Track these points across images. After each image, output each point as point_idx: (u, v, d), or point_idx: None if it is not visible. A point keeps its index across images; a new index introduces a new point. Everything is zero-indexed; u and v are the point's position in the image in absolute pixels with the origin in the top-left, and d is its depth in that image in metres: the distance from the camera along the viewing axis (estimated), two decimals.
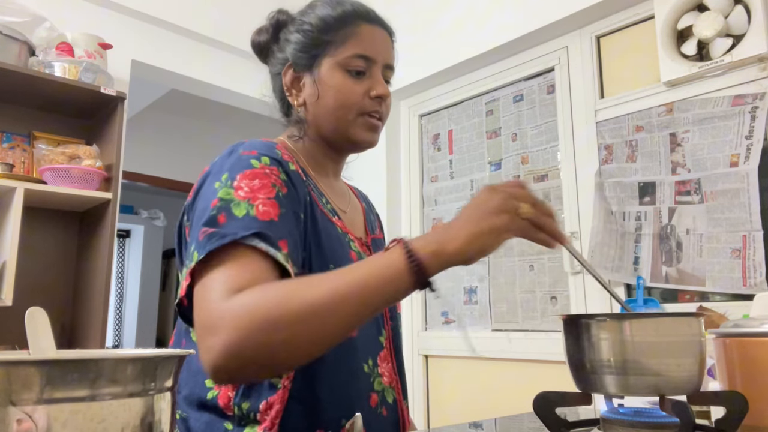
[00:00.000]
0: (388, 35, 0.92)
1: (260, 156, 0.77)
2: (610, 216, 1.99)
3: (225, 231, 0.67)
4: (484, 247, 0.64)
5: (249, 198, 0.71)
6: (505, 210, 0.64)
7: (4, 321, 1.79)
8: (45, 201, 2.08)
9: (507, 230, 0.64)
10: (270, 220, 0.70)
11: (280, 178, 0.76)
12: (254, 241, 0.67)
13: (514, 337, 2.24)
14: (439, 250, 0.63)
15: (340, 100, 0.86)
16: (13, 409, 0.34)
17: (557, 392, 0.69)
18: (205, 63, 2.64)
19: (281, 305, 0.60)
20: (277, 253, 0.67)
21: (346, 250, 0.84)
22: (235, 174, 0.73)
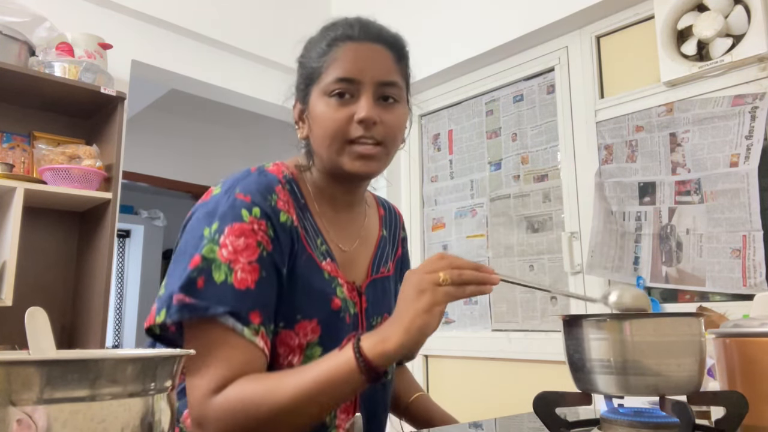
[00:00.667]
0: (384, 48, 0.85)
1: (252, 206, 0.77)
2: (610, 216, 1.99)
3: (198, 304, 0.72)
4: (423, 330, 0.67)
5: (230, 261, 0.74)
6: (423, 289, 0.67)
7: (4, 321, 1.79)
8: (45, 201, 2.07)
9: (433, 305, 0.67)
10: (246, 288, 0.73)
11: (267, 234, 0.77)
12: (224, 318, 0.72)
13: (514, 337, 2.24)
14: (384, 350, 0.67)
15: (324, 130, 0.82)
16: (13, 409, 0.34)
17: (557, 392, 0.69)
18: (205, 63, 2.63)
19: (258, 408, 0.69)
20: (244, 329, 0.72)
21: (327, 299, 0.83)
22: (224, 226, 0.76)
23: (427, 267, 0.69)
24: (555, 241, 2.20)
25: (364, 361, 0.67)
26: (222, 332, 0.72)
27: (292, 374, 0.72)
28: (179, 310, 0.72)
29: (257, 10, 2.76)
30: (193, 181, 4.41)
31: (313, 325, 0.81)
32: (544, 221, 2.25)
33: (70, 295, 2.21)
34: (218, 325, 0.72)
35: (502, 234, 2.38)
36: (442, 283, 0.67)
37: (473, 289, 0.69)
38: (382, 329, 0.69)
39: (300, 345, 0.80)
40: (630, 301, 0.73)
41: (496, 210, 2.42)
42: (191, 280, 0.73)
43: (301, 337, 0.80)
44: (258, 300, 0.74)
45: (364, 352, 0.67)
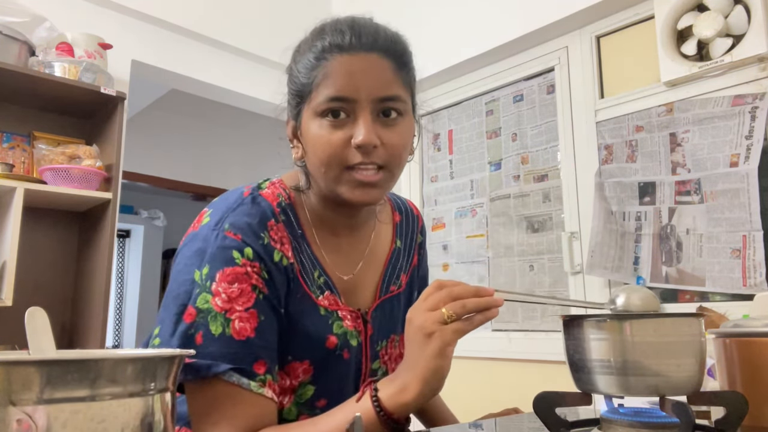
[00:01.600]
0: (381, 58, 0.74)
1: (243, 247, 0.72)
2: (610, 216, 1.99)
3: (200, 363, 0.68)
4: (439, 375, 0.65)
5: (226, 310, 0.70)
6: (431, 332, 0.64)
7: (4, 321, 1.79)
8: (45, 201, 2.08)
9: (444, 347, 0.64)
10: (246, 339, 0.70)
11: (261, 276, 0.73)
12: (228, 375, 0.69)
13: (514, 337, 2.24)
14: (404, 402, 0.65)
15: (320, 155, 0.73)
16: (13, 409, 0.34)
17: (557, 392, 0.69)
18: (205, 63, 2.63)
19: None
20: (251, 383, 0.69)
21: (321, 339, 0.78)
22: (215, 272, 0.71)
23: (428, 303, 0.65)
24: (555, 241, 2.20)
25: (384, 413, 0.65)
26: (227, 389, 0.69)
27: (312, 426, 0.69)
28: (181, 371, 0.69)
29: (257, 10, 2.76)
30: (193, 181, 4.41)
31: (305, 366, 0.78)
32: (544, 221, 2.25)
33: (70, 295, 2.21)
34: (222, 382, 0.69)
35: (502, 234, 2.38)
36: (448, 320, 0.63)
37: (480, 318, 0.65)
38: (398, 376, 0.66)
39: (291, 386, 0.77)
40: (639, 304, 0.71)
41: (496, 210, 2.42)
42: (189, 337, 0.70)
43: (292, 378, 0.77)
44: (260, 348, 0.71)
45: (383, 404, 0.65)
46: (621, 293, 0.72)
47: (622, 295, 0.71)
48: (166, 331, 0.72)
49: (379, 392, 0.66)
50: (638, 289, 0.73)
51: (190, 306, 0.71)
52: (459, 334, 0.64)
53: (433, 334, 0.63)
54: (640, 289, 0.73)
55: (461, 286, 0.66)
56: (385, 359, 0.87)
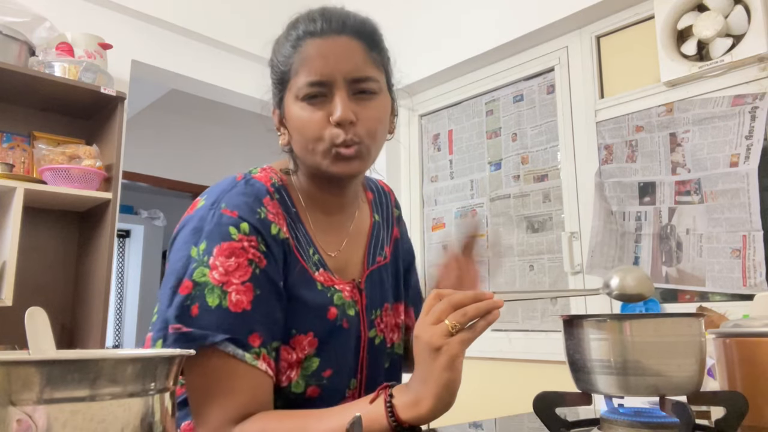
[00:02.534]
0: (352, 39, 0.79)
1: (240, 222, 0.75)
2: (610, 216, 1.99)
3: (195, 333, 0.70)
4: (451, 388, 0.65)
5: (223, 283, 0.72)
6: (438, 346, 0.64)
7: (4, 321, 1.79)
8: (45, 201, 2.08)
9: (453, 360, 0.64)
10: (242, 311, 0.72)
11: (259, 249, 0.75)
12: (223, 345, 0.70)
13: (514, 337, 2.24)
14: (418, 415, 0.66)
15: (303, 135, 0.79)
16: (13, 409, 0.34)
17: (557, 392, 0.69)
18: (205, 63, 2.64)
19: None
20: (245, 355, 0.71)
21: (322, 311, 0.81)
22: (212, 247, 0.73)
23: (431, 317, 0.66)
24: (555, 241, 2.20)
25: (396, 421, 0.66)
26: (223, 360, 0.71)
27: (316, 420, 0.69)
28: (176, 340, 0.70)
29: (257, 10, 2.76)
30: (193, 181, 4.41)
31: (309, 339, 0.79)
32: (544, 221, 2.25)
33: (70, 295, 2.21)
34: (218, 353, 0.70)
35: (502, 234, 2.38)
36: (453, 331, 0.65)
37: (483, 324, 0.67)
38: (412, 388, 0.67)
39: (297, 360, 0.78)
40: (633, 284, 0.71)
41: (496, 210, 2.42)
42: (185, 308, 0.71)
43: (298, 351, 0.78)
44: (256, 321, 0.73)
45: (397, 413, 0.66)
46: (615, 274, 0.72)
47: (616, 276, 0.72)
48: (163, 305, 0.73)
49: (394, 399, 0.67)
50: (633, 270, 0.73)
51: (186, 279, 0.72)
52: (465, 345, 0.66)
53: (440, 349, 0.64)
54: (634, 270, 0.73)
55: (459, 294, 0.67)
56: (381, 327, 0.89)
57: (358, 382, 0.85)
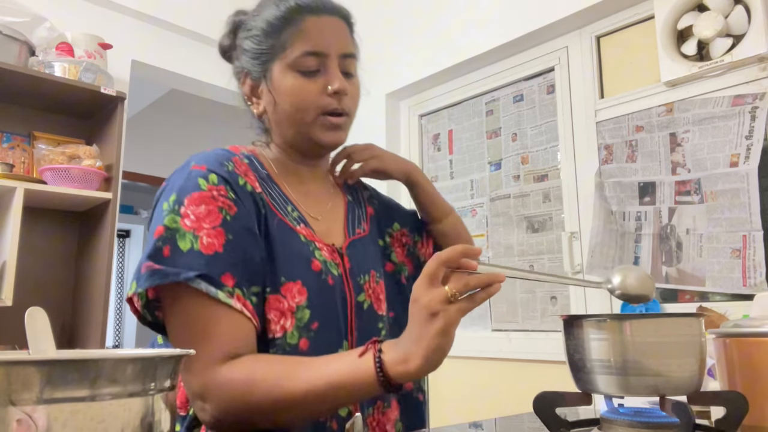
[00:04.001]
0: (341, 20, 0.86)
1: (208, 174, 0.77)
2: (610, 216, 1.99)
3: (167, 270, 0.70)
4: (442, 352, 0.66)
5: (194, 228, 0.73)
6: (435, 311, 0.65)
7: (4, 321, 1.79)
8: (45, 201, 2.08)
9: (449, 327, 0.65)
10: (214, 253, 0.72)
11: (228, 198, 0.77)
12: (196, 282, 0.70)
13: (514, 337, 2.24)
14: (405, 371, 0.66)
15: (296, 103, 0.83)
16: (13, 409, 0.34)
17: (557, 392, 0.69)
18: (205, 63, 2.63)
19: (264, 395, 0.69)
20: (218, 293, 0.71)
21: (306, 261, 0.82)
22: (183, 197, 0.75)
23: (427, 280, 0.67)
24: (555, 241, 2.20)
25: (384, 375, 0.66)
26: (196, 299, 0.71)
27: (305, 367, 0.70)
28: (149, 276, 0.71)
29: None
30: None
31: (299, 287, 0.80)
32: (544, 221, 2.25)
33: (70, 295, 2.21)
34: (191, 291, 0.71)
35: (502, 234, 2.38)
36: (452, 299, 0.65)
37: (483, 295, 0.67)
38: (402, 345, 0.68)
39: (290, 308, 0.79)
40: (633, 284, 0.71)
41: (496, 210, 2.42)
42: (157, 249, 0.72)
43: (290, 299, 0.79)
44: (228, 262, 0.73)
45: (385, 368, 0.66)
46: (617, 273, 0.72)
47: (618, 275, 0.72)
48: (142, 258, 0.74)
49: (383, 355, 0.67)
50: (634, 269, 0.73)
51: (159, 225, 0.74)
52: (463, 313, 0.66)
53: (437, 314, 0.65)
54: (636, 270, 0.73)
55: (459, 249, 0.67)
56: (369, 293, 0.90)
57: (349, 344, 0.85)
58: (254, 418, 0.70)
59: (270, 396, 0.68)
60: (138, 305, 0.76)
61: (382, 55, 2.72)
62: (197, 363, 0.71)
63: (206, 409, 0.71)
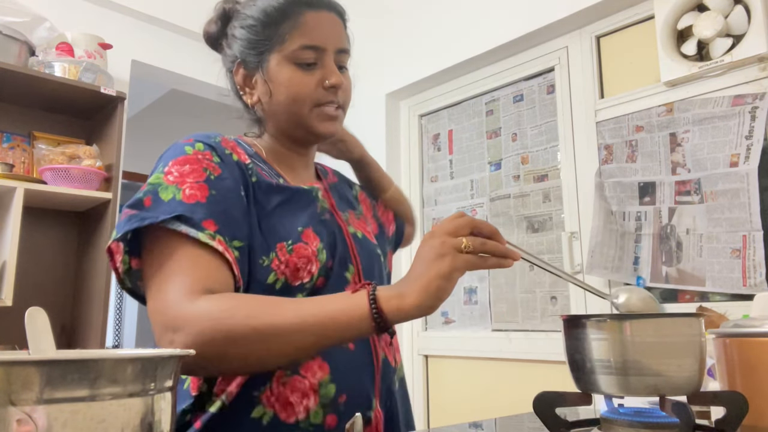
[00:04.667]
0: (336, 16, 0.88)
1: (195, 142, 0.80)
2: (610, 216, 1.99)
3: (145, 214, 0.70)
4: (439, 294, 0.65)
5: (177, 183, 0.73)
6: (444, 253, 0.65)
7: (4, 321, 1.79)
8: (45, 201, 2.08)
9: (453, 271, 0.64)
10: (196, 202, 0.72)
11: (213, 161, 0.78)
12: (174, 224, 0.69)
13: (514, 337, 2.24)
14: (399, 306, 0.65)
15: (292, 95, 0.84)
16: (13, 409, 0.34)
17: (557, 392, 0.69)
18: (205, 63, 2.63)
19: (246, 322, 0.64)
20: (198, 233, 0.69)
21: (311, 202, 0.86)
22: (168, 160, 0.77)
23: (448, 228, 0.67)
24: (555, 241, 2.20)
25: (377, 311, 0.64)
26: (177, 241, 0.69)
27: (293, 301, 0.69)
28: (127, 221, 0.69)
29: None
30: None
31: (310, 231, 0.82)
32: (544, 221, 2.25)
33: (70, 295, 2.21)
34: (169, 234, 0.69)
35: (502, 234, 2.37)
36: (464, 250, 0.65)
37: (494, 261, 0.67)
38: (399, 284, 0.67)
39: (313, 252, 0.80)
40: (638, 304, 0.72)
41: (496, 210, 2.42)
42: (138, 200, 0.72)
43: (311, 244, 0.81)
44: (211, 211, 0.72)
45: (379, 303, 0.65)
46: (622, 293, 0.72)
47: (623, 295, 0.72)
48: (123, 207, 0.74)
49: (378, 291, 0.66)
50: (639, 290, 0.74)
51: (143, 185, 0.75)
52: (469, 266, 0.66)
53: (445, 256, 0.65)
54: (640, 291, 0.74)
55: (483, 223, 0.68)
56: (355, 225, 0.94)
57: (356, 270, 0.88)
58: (232, 352, 0.65)
59: (252, 322, 0.64)
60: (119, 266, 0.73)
61: (382, 55, 2.72)
62: (171, 293, 0.67)
63: (175, 342, 0.65)
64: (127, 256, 0.73)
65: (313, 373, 0.77)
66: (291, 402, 0.75)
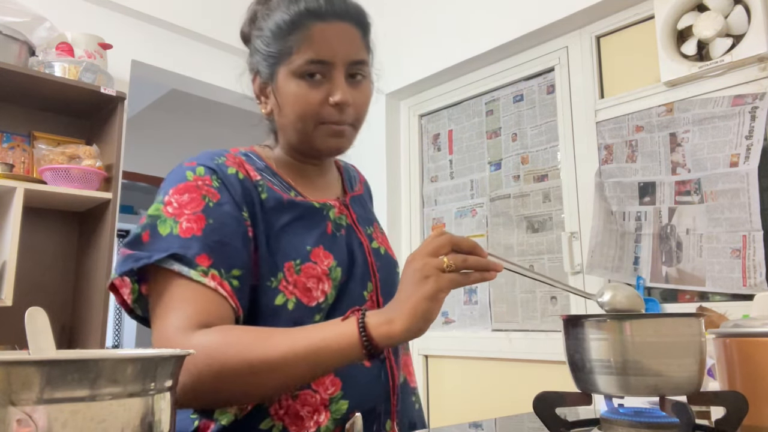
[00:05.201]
0: (351, 25, 0.83)
1: (196, 167, 0.79)
2: (610, 216, 1.99)
3: (140, 254, 0.71)
4: (427, 317, 0.65)
5: (175, 215, 0.74)
6: (428, 274, 0.65)
7: (4, 321, 1.79)
8: (45, 201, 2.08)
9: (438, 292, 0.65)
10: (192, 236, 0.73)
11: (213, 186, 0.77)
12: (168, 263, 0.71)
13: (514, 337, 2.24)
14: (389, 332, 0.65)
15: (297, 111, 0.82)
16: (13, 409, 0.34)
17: (557, 392, 0.69)
18: (205, 63, 2.64)
19: (238, 356, 0.66)
20: (191, 271, 0.71)
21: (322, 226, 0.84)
22: (169, 188, 0.77)
23: (429, 249, 0.67)
24: (555, 241, 2.20)
25: (367, 338, 0.65)
26: (172, 279, 0.71)
27: (284, 332, 0.69)
28: (123, 262, 0.71)
29: None
30: None
31: (323, 251, 0.81)
32: (544, 221, 2.25)
33: (70, 295, 2.21)
34: (166, 273, 0.71)
35: (502, 234, 2.38)
36: (447, 269, 0.65)
37: (477, 276, 0.67)
38: (388, 309, 0.68)
39: (323, 272, 0.80)
40: (623, 301, 0.72)
41: (496, 210, 2.42)
42: (137, 237, 0.73)
43: (321, 264, 0.80)
44: (205, 244, 0.72)
45: (369, 330, 0.65)
46: (607, 291, 0.73)
47: (608, 293, 0.73)
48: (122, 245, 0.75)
49: (367, 318, 0.67)
50: (623, 287, 0.74)
51: (143, 216, 0.76)
52: (454, 284, 0.66)
53: (429, 278, 0.65)
54: (625, 288, 0.74)
55: (462, 237, 0.69)
56: (379, 241, 0.94)
57: (374, 287, 0.87)
58: (225, 387, 0.67)
59: (245, 357, 0.66)
60: (128, 297, 0.75)
61: (381, 55, 2.71)
62: (168, 328, 0.69)
63: None
64: (136, 284, 0.75)
65: (325, 388, 0.77)
66: (301, 416, 0.75)
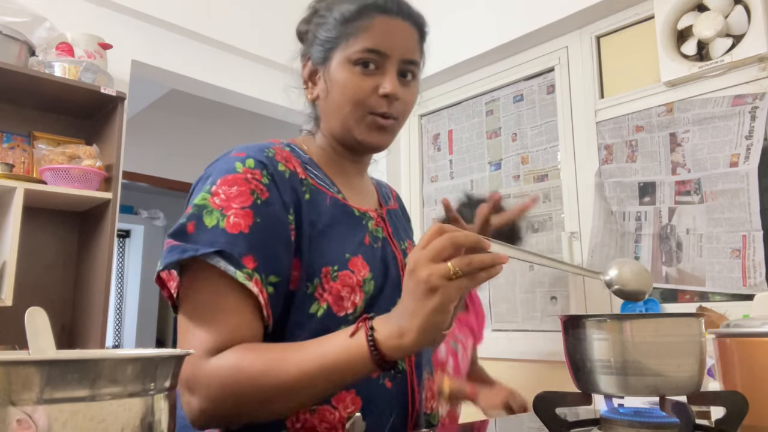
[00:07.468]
0: (412, 27, 0.86)
1: (246, 159, 0.77)
2: (610, 216, 1.99)
3: (186, 246, 0.70)
4: (439, 328, 0.64)
5: (223, 207, 0.72)
6: (435, 285, 0.62)
7: (4, 321, 1.79)
8: (45, 201, 2.07)
9: (448, 303, 0.62)
10: (239, 232, 0.71)
11: (262, 182, 0.76)
12: (215, 259, 0.69)
13: (514, 337, 2.24)
14: (400, 345, 0.64)
15: (347, 96, 0.82)
16: (13, 409, 0.34)
17: (557, 392, 0.69)
18: (205, 63, 2.63)
19: (252, 383, 0.67)
20: (237, 272, 0.69)
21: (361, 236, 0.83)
22: (217, 178, 0.75)
23: (431, 254, 0.63)
24: (555, 241, 2.20)
25: (378, 352, 0.64)
26: (214, 278, 0.70)
27: (295, 351, 0.68)
28: (168, 253, 0.70)
29: (258, 10, 2.76)
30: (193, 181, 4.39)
31: (360, 261, 0.80)
32: (544, 221, 2.25)
33: (70, 295, 2.21)
34: (209, 269, 0.70)
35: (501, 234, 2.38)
36: (453, 276, 0.62)
37: (484, 275, 0.64)
38: (395, 319, 0.65)
39: (358, 282, 0.79)
40: (629, 277, 0.71)
41: None
42: (182, 226, 0.72)
43: (357, 274, 0.79)
44: (252, 244, 0.71)
45: (378, 344, 0.64)
46: (613, 267, 0.71)
47: (614, 269, 0.71)
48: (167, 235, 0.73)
49: (376, 332, 0.65)
50: (631, 263, 0.72)
51: (189, 205, 0.75)
52: (462, 291, 0.64)
53: (436, 290, 0.62)
54: (633, 263, 0.72)
55: (463, 233, 0.65)
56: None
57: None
58: (244, 411, 0.68)
59: (258, 384, 0.66)
60: (175, 291, 0.74)
61: None
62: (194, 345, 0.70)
63: (191, 403, 0.68)
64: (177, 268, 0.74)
65: (345, 406, 0.76)
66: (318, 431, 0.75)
